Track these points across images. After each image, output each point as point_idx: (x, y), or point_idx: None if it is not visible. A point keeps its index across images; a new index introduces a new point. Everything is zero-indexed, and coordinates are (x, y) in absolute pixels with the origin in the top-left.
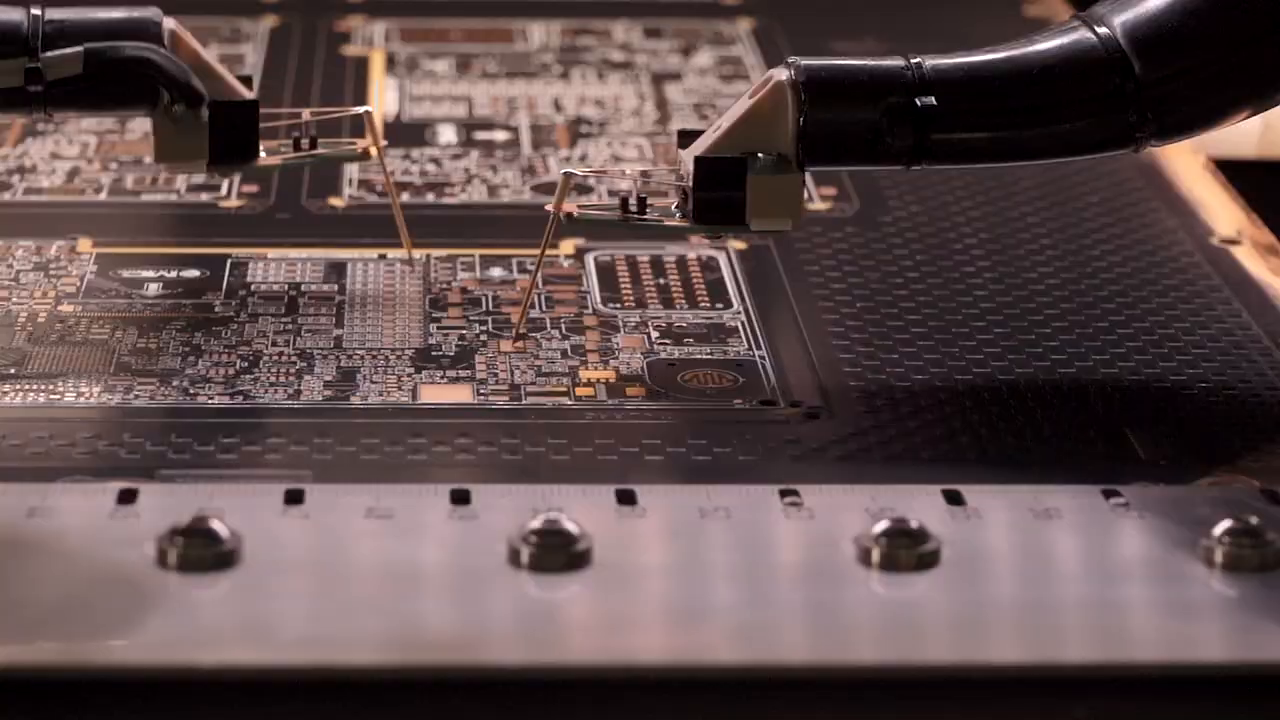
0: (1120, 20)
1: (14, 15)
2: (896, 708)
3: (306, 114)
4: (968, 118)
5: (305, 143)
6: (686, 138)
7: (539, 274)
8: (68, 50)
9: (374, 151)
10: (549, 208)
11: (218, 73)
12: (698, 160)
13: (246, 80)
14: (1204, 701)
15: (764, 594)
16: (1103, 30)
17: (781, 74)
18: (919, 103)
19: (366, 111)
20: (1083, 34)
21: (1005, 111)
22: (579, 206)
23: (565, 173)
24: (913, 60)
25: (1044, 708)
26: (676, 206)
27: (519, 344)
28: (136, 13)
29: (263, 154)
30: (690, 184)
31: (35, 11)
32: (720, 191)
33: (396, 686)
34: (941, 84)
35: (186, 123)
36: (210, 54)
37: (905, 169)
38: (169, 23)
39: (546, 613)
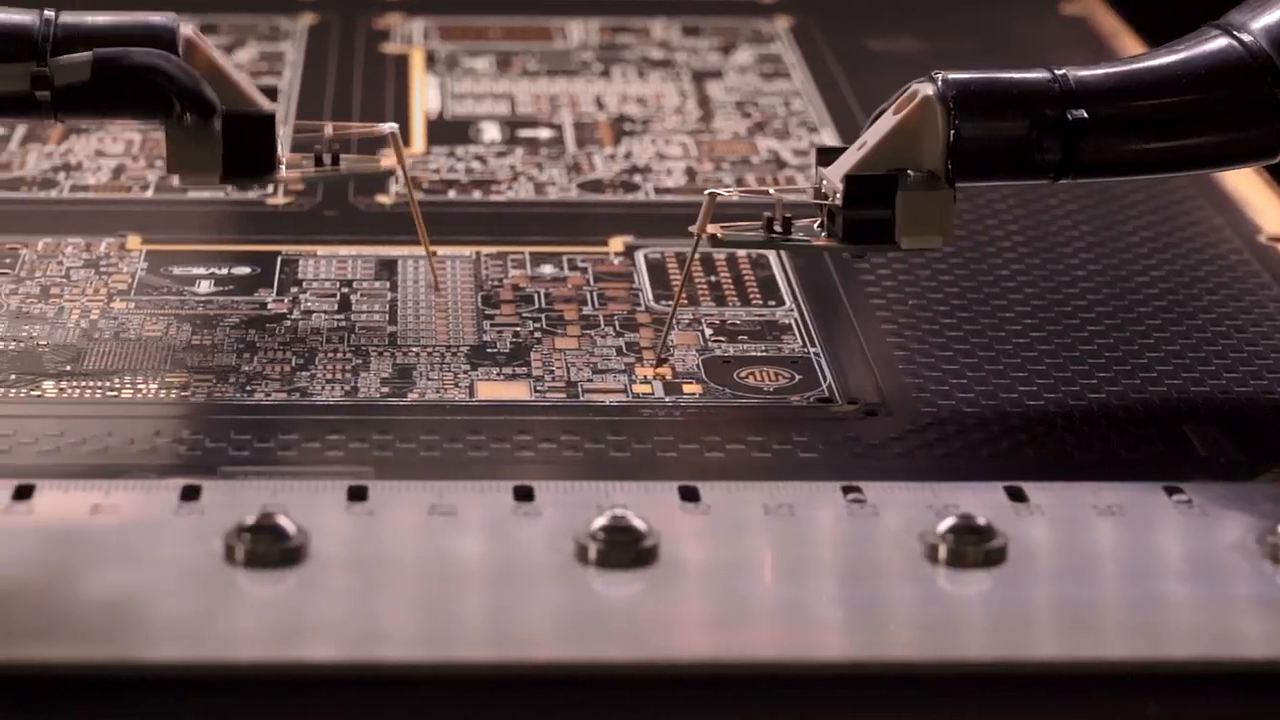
0: (1261, 26)
1: (25, 17)
2: (968, 703)
3: (329, 128)
4: (1117, 130)
5: (327, 158)
6: (826, 155)
7: (680, 295)
8: (76, 56)
9: (398, 169)
10: (693, 229)
11: (237, 82)
12: (848, 178)
13: (270, 91)
14: (1271, 698)
15: (832, 591)
16: (1246, 37)
17: (927, 89)
18: (1070, 116)
19: (392, 131)
20: (1226, 41)
21: (1155, 123)
22: (723, 228)
23: (710, 193)
24: (1057, 73)
25: (1114, 703)
26: (820, 225)
27: (660, 369)
28: (152, 18)
29: (283, 168)
30: (837, 202)
31: (48, 14)
32: (870, 209)
33: (468, 682)
34: (1089, 96)
35: (198, 133)
36: (229, 62)
37: (1052, 182)
38: (186, 29)
39: (615, 609)
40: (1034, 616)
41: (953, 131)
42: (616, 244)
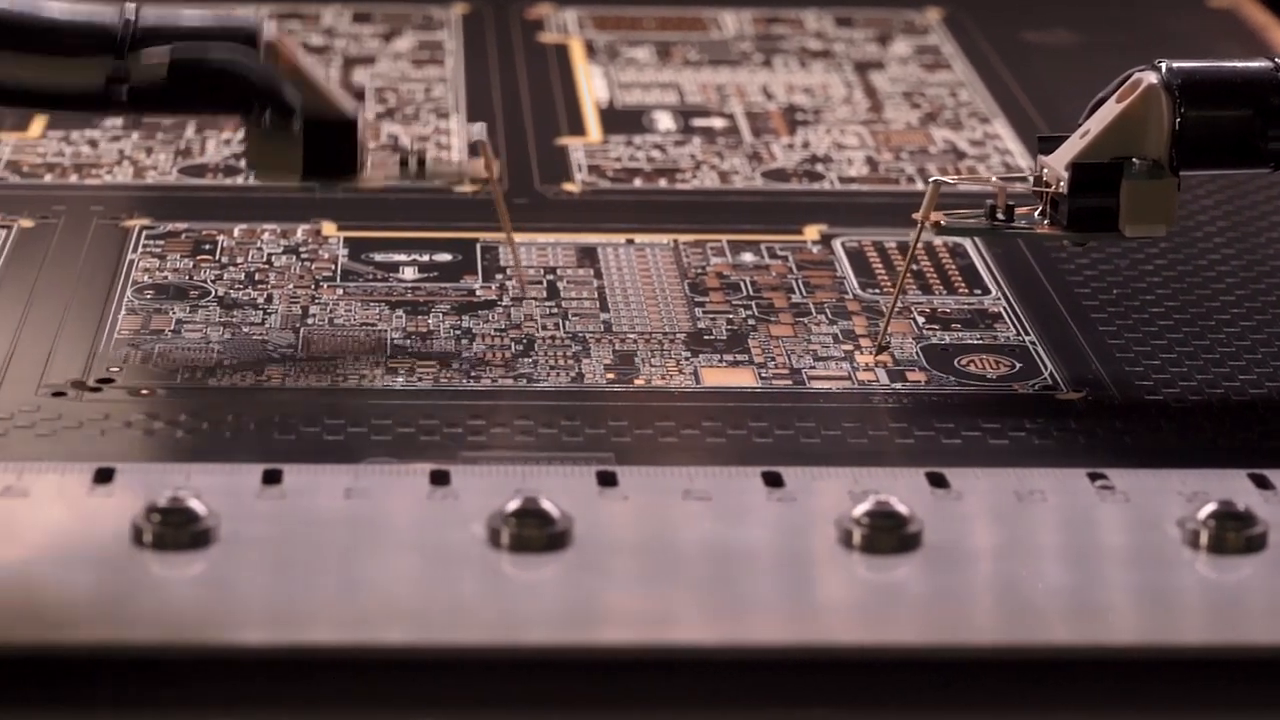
0: None
1: (105, 14)
2: (1230, 691)
3: (415, 137)
4: None
5: (413, 160)
6: (1047, 143)
7: (903, 283)
8: (153, 52)
9: (489, 175)
10: (916, 216)
11: (318, 85)
12: (1074, 166)
13: (358, 94)
14: None
15: (1100, 576)
16: None
17: (1150, 77)
18: None
19: (479, 138)
20: None
21: None
22: (946, 215)
23: (934, 180)
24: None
25: None
26: (1040, 213)
27: (881, 356)
28: (234, 17)
29: (368, 169)
30: (1059, 190)
31: (129, 10)
32: (1095, 197)
33: (755, 664)
34: None
35: (277, 133)
36: (312, 64)
37: (1272, 171)
38: (269, 30)
39: (884, 594)
40: None
41: (1178, 120)
42: (811, 232)
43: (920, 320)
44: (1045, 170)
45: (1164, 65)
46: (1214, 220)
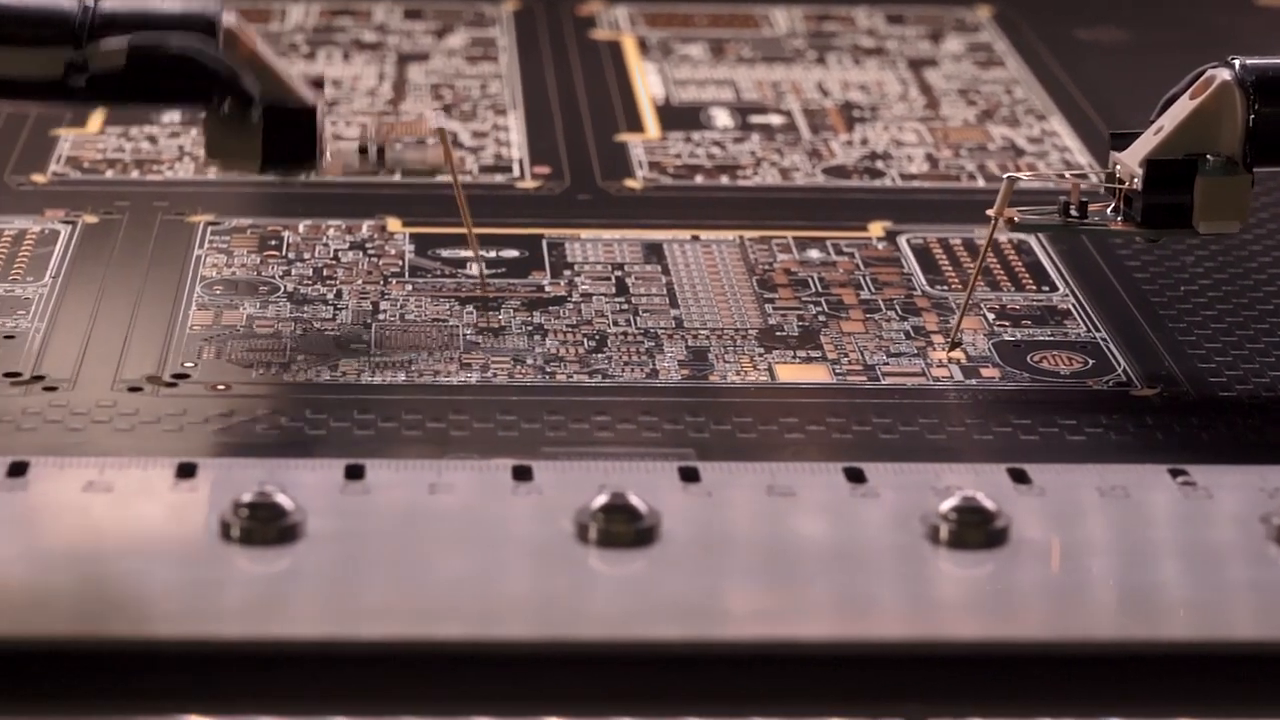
0: None
1: (65, 3)
2: None
3: (376, 125)
4: None
5: (373, 149)
6: (1120, 139)
7: (976, 279)
8: (111, 42)
9: (447, 166)
10: (990, 212)
11: (279, 74)
12: (1149, 162)
13: (318, 84)
14: None
15: (1180, 573)
16: None
17: (1223, 73)
18: None
19: (440, 129)
20: None
21: None
22: (1020, 212)
23: (1009, 177)
24: None
25: None
26: (1113, 209)
27: (954, 352)
28: (192, 6)
29: (327, 158)
30: (1133, 186)
31: (88, 1)
32: (1169, 194)
33: (817, 660)
34: None
35: (236, 122)
36: (272, 53)
37: None
38: (228, 19)
39: (967, 589)
40: None
41: (1252, 116)
42: (876, 229)
43: (990, 317)
44: (1118, 166)
45: (1237, 62)
46: (1278, 217)
